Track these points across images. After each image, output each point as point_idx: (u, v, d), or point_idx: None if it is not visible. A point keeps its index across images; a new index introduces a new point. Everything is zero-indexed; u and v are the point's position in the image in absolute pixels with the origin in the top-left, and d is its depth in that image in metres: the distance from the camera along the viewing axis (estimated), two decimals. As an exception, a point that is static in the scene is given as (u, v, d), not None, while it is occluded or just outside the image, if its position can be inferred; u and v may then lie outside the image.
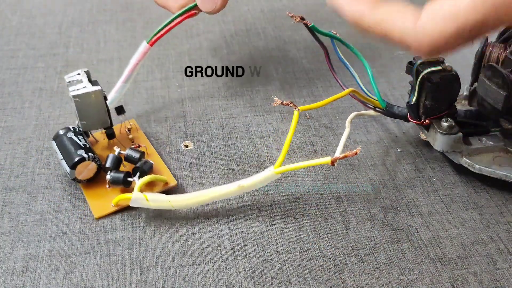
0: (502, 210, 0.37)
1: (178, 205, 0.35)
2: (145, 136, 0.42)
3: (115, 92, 0.41)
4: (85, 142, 0.38)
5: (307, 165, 0.34)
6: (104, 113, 0.38)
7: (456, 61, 0.40)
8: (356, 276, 0.33)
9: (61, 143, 0.37)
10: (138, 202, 0.35)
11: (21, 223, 0.36)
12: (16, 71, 0.50)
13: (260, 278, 0.33)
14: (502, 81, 0.37)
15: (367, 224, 0.36)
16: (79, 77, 0.38)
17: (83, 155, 0.36)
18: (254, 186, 0.35)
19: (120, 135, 0.41)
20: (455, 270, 0.33)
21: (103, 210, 0.36)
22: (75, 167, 0.36)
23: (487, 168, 0.37)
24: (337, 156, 0.33)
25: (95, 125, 0.39)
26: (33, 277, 0.33)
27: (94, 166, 0.37)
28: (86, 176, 0.37)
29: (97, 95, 0.37)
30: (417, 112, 0.38)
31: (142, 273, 0.33)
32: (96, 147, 0.40)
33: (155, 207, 0.35)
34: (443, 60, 0.37)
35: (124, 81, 0.41)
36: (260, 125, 0.44)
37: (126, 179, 0.36)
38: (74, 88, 0.37)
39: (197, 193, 0.36)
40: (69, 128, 0.38)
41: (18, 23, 0.57)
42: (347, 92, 0.38)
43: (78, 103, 0.37)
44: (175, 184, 0.38)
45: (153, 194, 0.35)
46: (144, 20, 0.57)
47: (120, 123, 0.41)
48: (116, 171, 0.36)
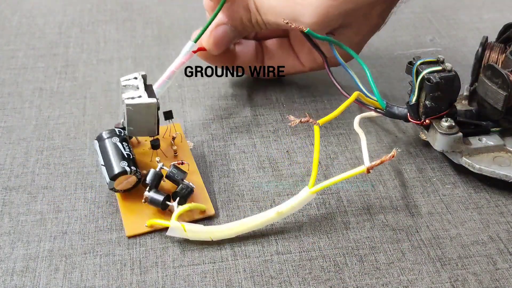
0: (502, 210, 0.37)
1: (217, 237, 0.34)
2: (189, 149, 0.40)
3: (157, 87, 0.39)
4: (129, 151, 0.36)
5: (342, 179, 0.34)
6: (153, 124, 0.37)
7: (456, 61, 0.40)
8: (356, 276, 0.33)
9: (104, 148, 0.36)
10: (176, 232, 0.34)
11: (21, 223, 0.36)
12: (16, 71, 0.50)
13: (260, 278, 0.33)
14: (502, 81, 0.37)
15: (367, 224, 0.36)
16: (136, 82, 0.37)
17: (125, 168, 0.35)
18: (292, 210, 0.35)
19: (163, 140, 0.40)
20: (455, 270, 0.33)
21: (136, 229, 0.35)
22: (115, 179, 0.35)
23: (487, 168, 0.37)
24: (373, 163, 0.33)
25: (142, 133, 0.37)
26: (33, 277, 0.33)
27: (134, 179, 0.36)
28: (124, 187, 0.36)
29: (151, 107, 0.36)
30: (417, 112, 0.38)
31: (142, 273, 0.33)
32: (138, 151, 0.39)
33: (192, 238, 0.34)
34: (443, 60, 0.37)
35: (167, 78, 0.40)
36: (260, 125, 0.44)
37: (165, 202, 0.35)
38: (129, 95, 0.36)
39: (237, 224, 0.35)
40: (114, 132, 0.37)
41: (18, 23, 0.57)
42: (354, 97, 0.38)
43: (129, 111, 0.36)
44: (213, 213, 0.36)
45: (191, 225, 0.34)
46: (144, 20, 0.57)
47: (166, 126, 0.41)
48: (155, 191, 0.35)
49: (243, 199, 0.38)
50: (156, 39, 0.54)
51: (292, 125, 0.35)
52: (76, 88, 0.48)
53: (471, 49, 0.40)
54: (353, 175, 0.34)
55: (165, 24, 0.57)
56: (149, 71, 0.50)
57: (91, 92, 0.47)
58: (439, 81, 0.36)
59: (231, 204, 0.37)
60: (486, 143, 0.38)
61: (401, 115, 0.39)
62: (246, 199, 0.38)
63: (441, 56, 0.37)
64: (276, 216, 0.35)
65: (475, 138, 0.39)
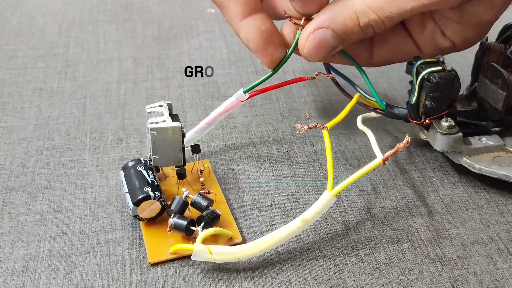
0: (502, 210, 0.37)
1: (244, 256, 0.33)
2: (217, 181, 0.38)
3: (195, 132, 0.39)
4: (154, 179, 0.35)
5: (359, 175, 0.33)
6: (178, 151, 0.36)
7: (456, 61, 0.40)
8: (356, 276, 0.33)
9: (129, 175, 0.36)
10: (201, 256, 0.32)
11: (21, 223, 0.36)
12: (16, 71, 0.50)
13: (260, 278, 0.33)
14: (502, 81, 0.37)
15: (367, 224, 0.36)
16: (161, 109, 0.36)
17: (149, 193, 0.34)
18: (317, 217, 0.33)
19: (190, 175, 0.38)
20: (455, 270, 0.33)
21: (159, 255, 0.33)
22: (138, 204, 0.34)
23: (487, 168, 0.37)
24: (388, 153, 0.32)
25: (168, 162, 0.36)
26: (33, 277, 0.33)
27: (158, 206, 0.34)
28: (148, 215, 0.35)
29: (175, 131, 0.35)
30: (417, 112, 0.38)
31: (142, 273, 0.33)
32: (164, 183, 0.38)
33: (219, 261, 0.33)
34: (443, 60, 0.37)
35: (208, 123, 0.39)
36: (260, 125, 0.44)
37: (189, 227, 0.34)
38: (153, 120, 0.35)
39: (263, 240, 0.33)
40: (140, 160, 0.36)
41: (18, 23, 0.57)
42: (356, 99, 0.38)
43: (154, 137, 0.35)
44: (240, 240, 0.34)
45: (217, 247, 0.32)
46: (144, 20, 0.57)
47: (194, 162, 0.39)
48: (180, 217, 0.34)
49: (243, 199, 0.38)
50: (156, 39, 0.54)
51: (300, 132, 0.34)
52: (76, 88, 0.48)
53: (471, 49, 0.40)
54: (371, 169, 0.33)
55: (165, 24, 0.57)
56: (149, 71, 0.50)
57: (91, 92, 0.47)
58: (439, 81, 0.36)
59: (231, 204, 0.37)
60: (486, 143, 0.38)
61: (401, 116, 0.39)
62: (246, 199, 0.38)
63: (441, 56, 0.37)
64: (301, 225, 0.33)
65: (475, 138, 0.39)
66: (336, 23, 0.34)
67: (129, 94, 0.47)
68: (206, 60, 0.51)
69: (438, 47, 0.37)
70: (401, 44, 0.38)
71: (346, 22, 0.34)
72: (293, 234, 0.33)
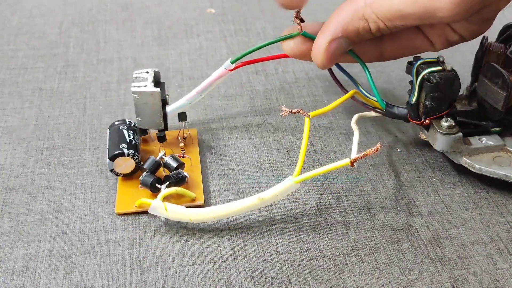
0: (502, 210, 0.37)
1: (197, 220, 0.35)
2: (198, 150, 0.41)
3: (185, 100, 0.41)
4: (133, 138, 0.38)
5: (326, 170, 0.34)
6: (158, 116, 0.38)
7: (456, 61, 0.40)
8: (356, 276, 0.33)
9: (112, 133, 0.38)
10: (157, 211, 0.35)
11: (21, 223, 0.36)
12: (16, 71, 0.50)
13: (260, 278, 0.33)
14: (502, 81, 0.37)
15: (367, 224, 0.36)
16: (146, 75, 0.39)
17: (123, 150, 0.37)
18: (275, 198, 0.35)
19: (175, 141, 0.41)
20: (455, 270, 0.33)
21: (125, 207, 0.36)
22: (113, 159, 0.37)
23: (487, 168, 0.37)
24: (357, 156, 0.33)
25: (150, 125, 0.39)
26: (33, 277, 0.33)
27: (133, 163, 0.37)
28: (123, 170, 0.37)
29: (154, 96, 0.37)
30: (417, 112, 0.38)
31: (142, 273, 0.33)
32: (148, 146, 0.41)
33: (173, 219, 0.35)
34: (443, 60, 0.37)
35: (198, 92, 0.41)
36: (260, 125, 0.44)
37: (155, 184, 0.36)
38: (137, 84, 0.38)
39: (218, 208, 0.35)
40: (125, 121, 0.39)
41: (18, 23, 0.57)
42: (350, 94, 0.38)
43: (136, 100, 0.38)
44: (202, 203, 0.37)
45: (173, 205, 0.35)
46: (144, 20, 0.57)
47: (180, 129, 0.41)
48: (148, 174, 0.36)
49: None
50: (156, 39, 0.54)
51: (283, 115, 0.35)
52: (76, 88, 0.48)
53: (471, 49, 0.40)
54: (337, 167, 0.34)
55: (165, 24, 0.57)
56: (149, 71, 0.50)
57: (91, 92, 0.47)
58: (439, 81, 0.36)
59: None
60: (486, 143, 0.38)
61: (401, 115, 0.39)
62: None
63: (441, 56, 0.37)
64: (258, 202, 0.34)
65: (475, 138, 0.39)
66: (349, 32, 0.35)
67: (129, 94, 0.47)
68: (206, 60, 0.51)
69: (448, 40, 0.38)
70: (412, 39, 0.39)
71: (360, 30, 0.35)
72: (247, 209, 0.35)
